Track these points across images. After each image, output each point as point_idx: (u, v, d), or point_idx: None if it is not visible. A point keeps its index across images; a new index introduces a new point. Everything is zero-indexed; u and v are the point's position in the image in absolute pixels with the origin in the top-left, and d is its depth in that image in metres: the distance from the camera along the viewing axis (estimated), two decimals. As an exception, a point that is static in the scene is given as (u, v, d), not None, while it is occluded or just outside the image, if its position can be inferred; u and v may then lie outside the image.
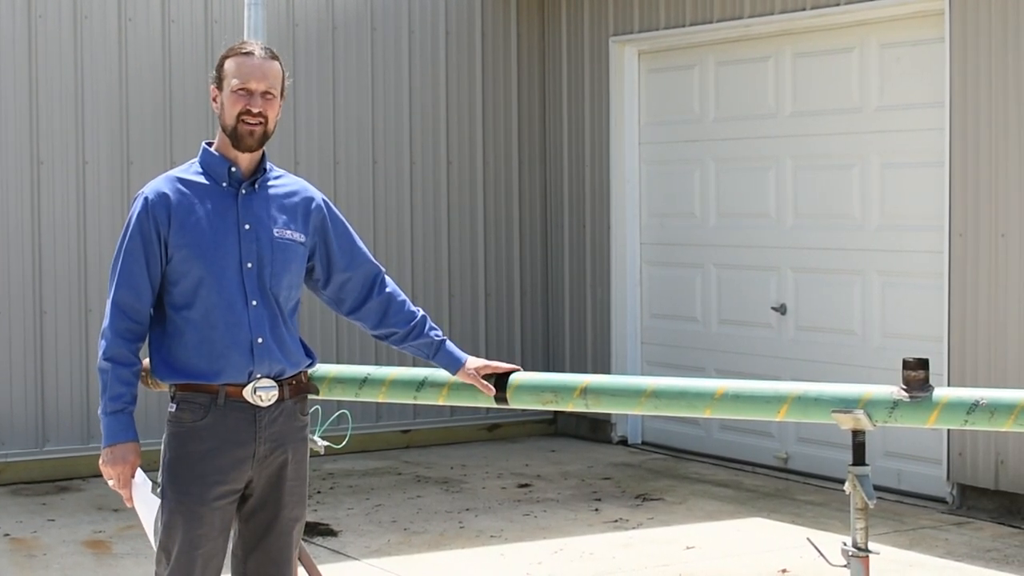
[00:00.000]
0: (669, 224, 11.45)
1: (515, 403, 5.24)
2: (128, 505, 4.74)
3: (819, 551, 4.87)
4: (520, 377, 5.23)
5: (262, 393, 4.72)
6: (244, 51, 4.77)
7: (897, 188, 9.69)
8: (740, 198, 10.83)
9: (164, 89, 10.65)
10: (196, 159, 4.83)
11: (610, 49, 11.61)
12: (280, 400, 4.77)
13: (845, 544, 4.72)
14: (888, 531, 8.63)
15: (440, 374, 5.35)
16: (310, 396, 5.00)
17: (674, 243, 11.39)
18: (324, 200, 5.02)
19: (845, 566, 4.74)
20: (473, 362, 5.19)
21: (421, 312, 5.23)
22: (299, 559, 5.72)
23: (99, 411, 4.68)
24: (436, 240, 11.79)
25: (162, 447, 4.74)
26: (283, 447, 4.79)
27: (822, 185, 10.21)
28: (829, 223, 10.17)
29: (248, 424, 4.71)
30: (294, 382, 4.83)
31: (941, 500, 9.37)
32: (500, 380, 5.21)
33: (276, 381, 4.75)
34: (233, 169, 4.78)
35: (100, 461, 4.68)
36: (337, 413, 6.24)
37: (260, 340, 4.73)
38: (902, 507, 9.32)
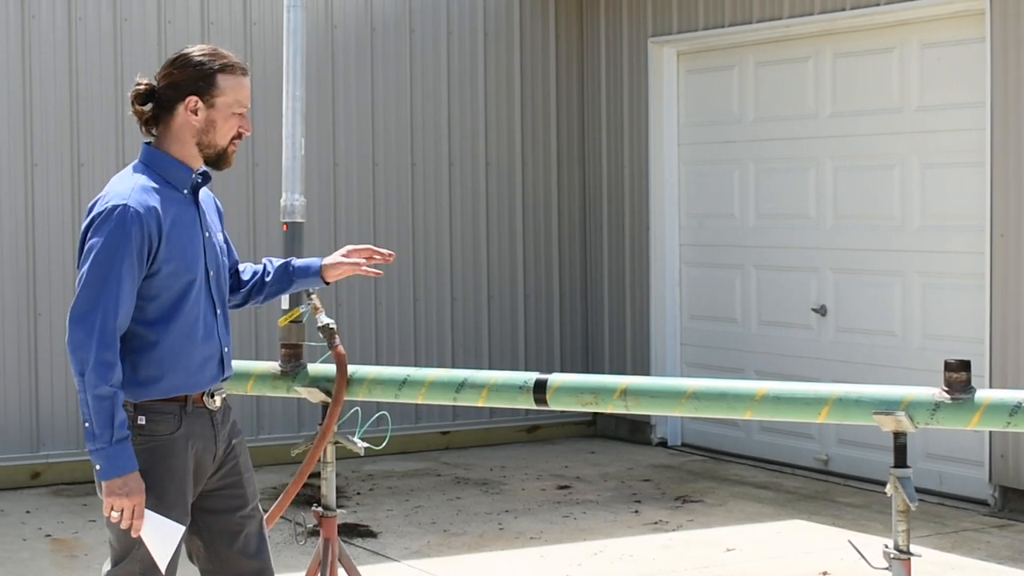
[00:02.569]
0: (708, 225, 11.42)
1: (554, 405, 5.24)
2: (134, 535, 4.50)
3: (860, 553, 4.86)
4: (560, 379, 5.23)
5: (217, 397, 4.72)
6: (240, 70, 4.66)
7: (938, 188, 9.65)
8: (780, 199, 10.79)
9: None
10: (143, 164, 4.64)
11: (649, 50, 11.59)
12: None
13: (887, 546, 4.71)
14: (929, 533, 8.59)
15: (480, 375, 5.35)
16: (317, 397, 5.04)
17: (713, 244, 11.37)
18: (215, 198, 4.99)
19: (887, 568, 4.72)
20: (330, 257, 5.10)
21: (256, 265, 5.16)
22: (339, 560, 5.74)
23: (99, 441, 4.40)
24: (475, 241, 11.79)
25: None
26: (232, 444, 4.82)
27: (862, 186, 10.17)
28: (869, 224, 10.13)
29: (209, 427, 4.70)
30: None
31: (983, 502, 9.32)
32: (539, 383, 5.22)
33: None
34: (196, 177, 4.70)
35: (107, 493, 4.43)
36: (377, 414, 6.25)
37: (226, 349, 4.76)
38: (943, 509, 9.27)
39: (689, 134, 11.54)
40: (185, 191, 4.66)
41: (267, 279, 5.07)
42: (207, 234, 4.71)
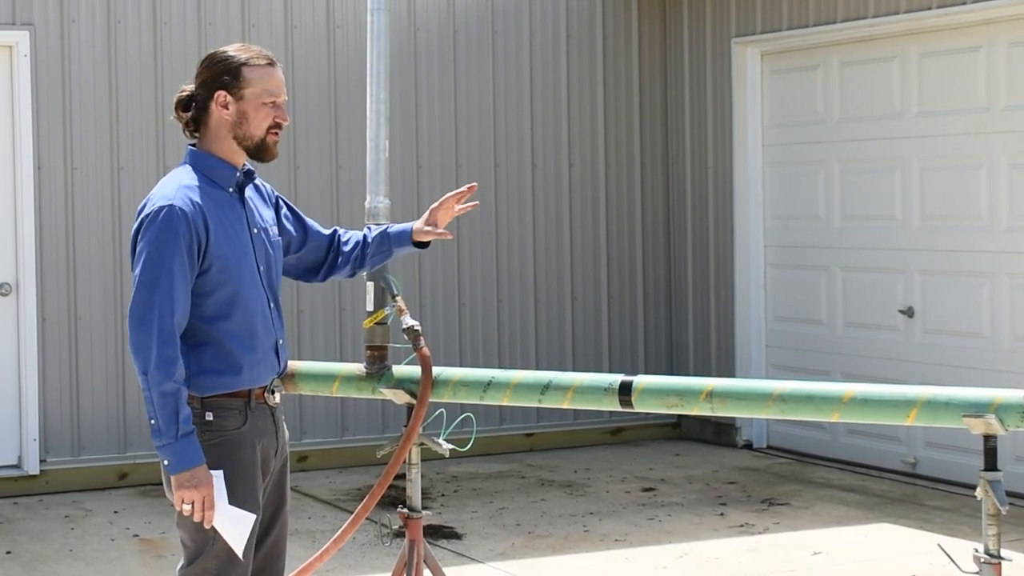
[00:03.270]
0: (793, 226, 11.36)
1: (640, 407, 5.21)
2: (207, 526, 4.60)
3: (950, 557, 4.80)
4: (646, 380, 5.21)
5: (277, 393, 4.84)
6: (265, 61, 4.77)
7: (1027, 188, 9.55)
8: (865, 199, 10.71)
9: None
10: (187, 165, 4.76)
11: (732, 50, 11.54)
12: None
13: (976, 550, 4.65)
14: (1019, 537, 8.49)
15: (565, 377, 5.34)
16: (402, 398, 5.12)
17: (798, 245, 11.30)
18: (271, 187, 5.07)
19: (977, 573, 4.66)
20: (420, 223, 5.22)
21: (360, 233, 5.26)
22: (424, 561, 5.75)
23: (165, 437, 4.56)
24: (558, 242, 11.78)
25: None
26: (284, 442, 4.92)
27: (949, 186, 10.07)
28: (957, 224, 10.03)
29: (271, 423, 4.83)
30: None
31: (1073, 506, 9.22)
32: (625, 384, 5.20)
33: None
34: (240, 175, 4.79)
35: (176, 487, 4.55)
36: (461, 416, 6.24)
37: (280, 342, 4.87)
38: (1033, 513, 9.18)
39: (773, 135, 11.48)
40: (231, 189, 4.77)
41: (367, 251, 5.20)
42: (255, 230, 4.80)
